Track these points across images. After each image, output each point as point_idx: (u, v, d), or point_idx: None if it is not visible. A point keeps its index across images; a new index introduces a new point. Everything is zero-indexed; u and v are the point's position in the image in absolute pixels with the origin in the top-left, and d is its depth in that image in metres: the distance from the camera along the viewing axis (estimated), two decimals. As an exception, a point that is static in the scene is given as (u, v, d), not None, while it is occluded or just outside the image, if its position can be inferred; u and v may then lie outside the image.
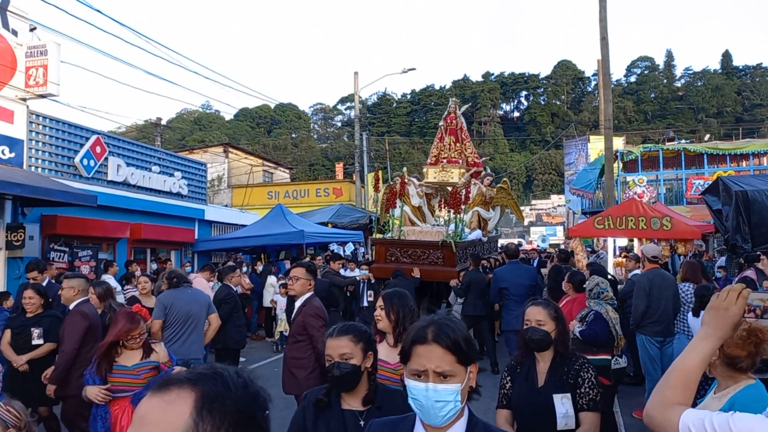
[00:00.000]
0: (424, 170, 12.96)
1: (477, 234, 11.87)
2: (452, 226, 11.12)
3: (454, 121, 12.97)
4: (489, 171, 13.28)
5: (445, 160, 12.65)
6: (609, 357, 5.77)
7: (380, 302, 3.75)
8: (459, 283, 10.29)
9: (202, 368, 1.14)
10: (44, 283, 7.75)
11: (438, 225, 12.29)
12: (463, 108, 13.92)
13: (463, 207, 11.02)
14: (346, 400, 2.62)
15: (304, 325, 5.09)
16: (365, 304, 11.43)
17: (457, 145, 12.76)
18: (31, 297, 5.98)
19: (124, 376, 4.37)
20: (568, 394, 3.26)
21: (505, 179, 13.06)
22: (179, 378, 1.10)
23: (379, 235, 12.16)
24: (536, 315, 3.44)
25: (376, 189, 12.16)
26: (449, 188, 11.88)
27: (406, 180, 12.29)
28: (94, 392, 4.27)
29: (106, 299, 6.24)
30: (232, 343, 8.19)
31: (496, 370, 9.64)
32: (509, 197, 12.71)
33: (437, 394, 1.84)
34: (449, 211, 11.22)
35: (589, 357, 5.72)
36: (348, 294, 12.18)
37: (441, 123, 13.27)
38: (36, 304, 5.97)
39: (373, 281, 11.48)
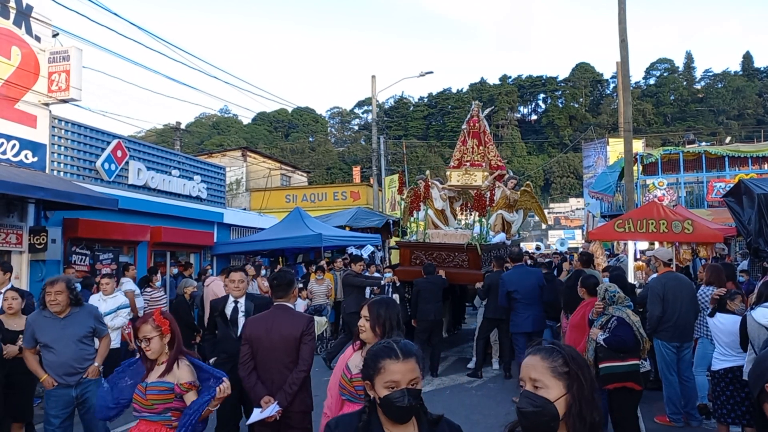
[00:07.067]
0: (447, 173, 12.91)
1: (501, 237, 11.82)
2: (477, 229, 11.07)
3: (477, 124, 12.90)
4: (512, 174, 13.20)
5: (468, 164, 12.58)
6: (638, 362, 5.72)
7: (365, 312, 3.42)
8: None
9: None
10: (7, 287, 7.41)
11: (461, 228, 12.24)
12: (486, 111, 13.89)
13: (487, 210, 10.99)
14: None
15: None
16: (389, 307, 11.40)
17: (480, 148, 12.70)
18: None
19: (138, 393, 3.85)
20: None
21: (528, 182, 12.97)
22: None
23: (396, 239, 12.16)
24: (531, 370, 1.97)
25: (400, 192, 12.11)
26: (472, 191, 11.81)
27: (430, 183, 12.24)
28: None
29: None
30: None
31: (508, 375, 9.82)
32: (533, 200, 12.63)
33: None
34: (471, 214, 11.18)
35: (618, 363, 5.72)
36: (372, 296, 12.19)
37: (464, 126, 13.20)
38: None
39: (398, 284, 11.48)
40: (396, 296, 11.23)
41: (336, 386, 3.54)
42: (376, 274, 13.24)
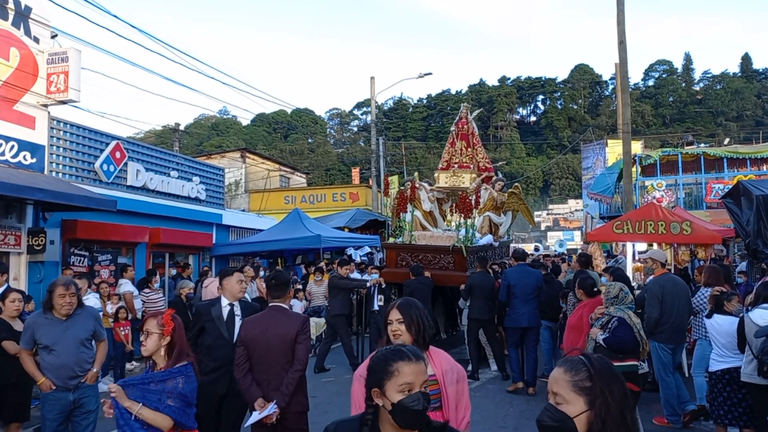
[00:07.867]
0: (436, 175, 12.96)
1: (488, 239, 11.85)
2: (463, 231, 11.11)
3: (465, 126, 12.98)
4: (500, 176, 13.26)
5: (456, 165, 12.64)
6: (636, 363, 5.72)
7: (396, 315, 3.24)
8: None
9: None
10: (4, 287, 7.36)
11: (449, 230, 12.27)
12: (475, 113, 13.94)
13: (474, 212, 11.02)
14: None
15: None
16: (376, 308, 11.41)
17: (469, 150, 12.76)
18: None
19: None
20: None
21: (516, 184, 13.04)
22: None
23: (393, 239, 12.18)
24: (553, 383, 1.95)
25: (386, 194, 12.20)
26: (460, 193, 11.87)
27: (416, 185, 12.32)
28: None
29: None
30: None
31: (506, 376, 9.79)
32: (521, 202, 12.67)
33: None
34: (460, 216, 11.23)
35: (617, 364, 5.71)
36: (359, 297, 12.18)
37: (452, 128, 13.29)
38: None
39: (383, 286, 11.49)
40: (382, 297, 11.23)
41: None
42: (374, 275, 13.26)
